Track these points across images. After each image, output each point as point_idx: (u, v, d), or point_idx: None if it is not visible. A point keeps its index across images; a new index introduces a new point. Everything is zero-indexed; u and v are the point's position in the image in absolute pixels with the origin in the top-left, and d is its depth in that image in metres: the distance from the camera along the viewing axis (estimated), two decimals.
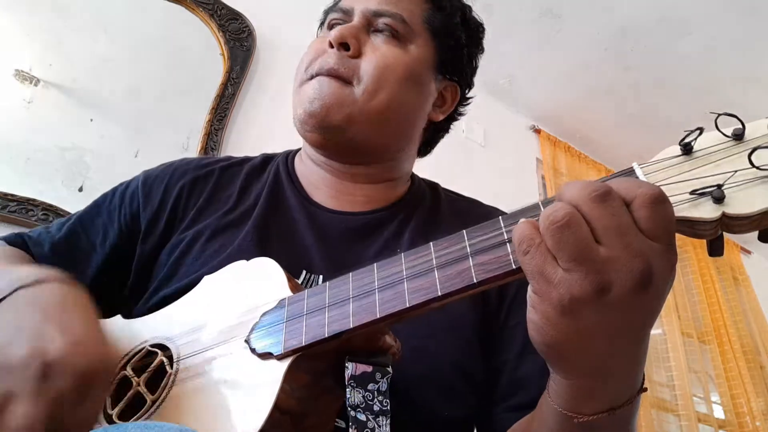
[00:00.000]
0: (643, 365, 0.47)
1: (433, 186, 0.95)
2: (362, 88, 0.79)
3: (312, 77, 0.80)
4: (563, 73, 2.92)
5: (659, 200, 0.40)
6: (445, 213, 0.88)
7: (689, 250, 3.37)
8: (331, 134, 0.80)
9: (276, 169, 0.90)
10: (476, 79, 0.97)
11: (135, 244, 0.82)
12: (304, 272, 0.74)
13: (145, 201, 0.84)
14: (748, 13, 2.48)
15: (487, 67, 0.98)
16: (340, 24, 0.84)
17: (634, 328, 0.43)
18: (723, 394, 2.93)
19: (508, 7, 2.56)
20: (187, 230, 0.81)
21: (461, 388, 0.72)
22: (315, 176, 0.88)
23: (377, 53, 0.81)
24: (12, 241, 0.83)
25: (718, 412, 2.93)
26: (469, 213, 0.89)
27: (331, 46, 0.80)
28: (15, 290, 0.51)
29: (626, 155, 3.28)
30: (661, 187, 0.42)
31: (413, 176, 0.95)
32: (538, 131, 3.14)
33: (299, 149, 0.96)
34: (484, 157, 2.82)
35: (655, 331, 2.93)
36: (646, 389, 0.49)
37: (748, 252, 3.88)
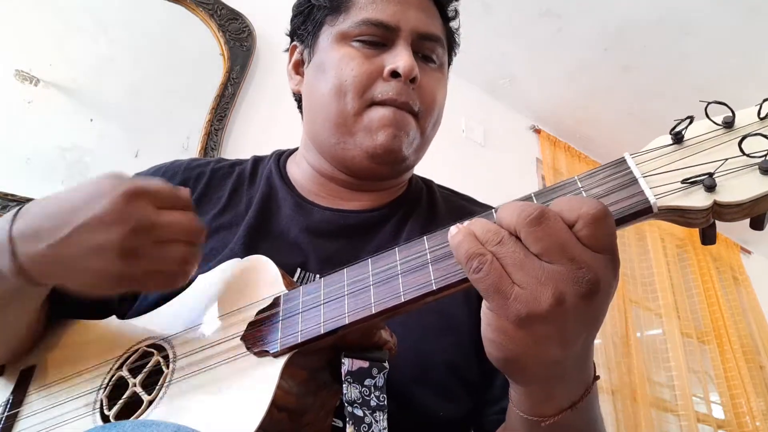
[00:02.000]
0: (592, 358, 0.50)
1: (428, 183, 0.94)
2: (425, 121, 0.81)
3: (374, 104, 0.77)
4: (563, 73, 2.92)
5: (601, 217, 0.42)
6: (441, 211, 0.88)
7: (689, 250, 3.37)
8: (396, 166, 0.81)
9: (268, 171, 0.89)
10: (476, 79, 0.98)
11: None
12: (299, 270, 0.74)
13: None
14: (748, 13, 2.48)
15: (487, 67, 0.99)
16: (377, 40, 0.78)
17: (585, 331, 0.45)
18: (722, 394, 2.93)
19: (508, 7, 2.56)
20: None
21: (455, 388, 0.72)
22: (315, 185, 0.86)
23: (432, 85, 0.81)
24: None
25: (718, 412, 2.93)
26: (465, 211, 0.89)
27: (392, 75, 0.76)
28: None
29: None
30: (652, 177, 0.43)
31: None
32: (538, 131, 3.14)
33: (288, 150, 0.95)
34: (484, 156, 2.82)
35: (655, 332, 2.93)
36: (598, 377, 0.52)
37: (748, 252, 3.88)
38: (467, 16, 0.92)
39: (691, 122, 0.45)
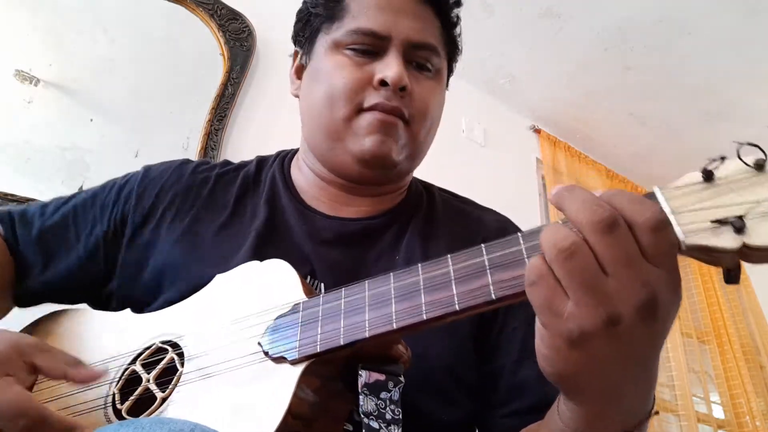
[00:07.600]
0: (654, 385, 0.47)
1: (427, 187, 0.94)
2: (417, 127, 0.80)
3: (363, 111, 0.77)
4: (563, 73, 2.92)
5: (663, 226, 0.40)
6: (441, 216, 0.87)
7: None
8: (386, 172, 0.81)
9: (272, 177, 0.88)
10: (476, 79, 0.98)
11: (120, 245, 0.82)
12: (308, 278, 0.74)
13: (137, 202, 0.84)
14: (748, 13, 2.48)
15: (487, 67, 0.99)
16: (369, 49, 0.78)
17: (643, 354, 0.43)
18: (723, 394, 2.93)
19: (508, 7, 2.56)
20: (179, 240, 0.80)
21: (455, 392, 0.72)
22: (316, 189, 0.86)
23: (425, 93, 0.81)
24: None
25: (718, 412, 2.93)
26: (465, 215, 0.89)
27: (381, 83, 0.76)
28: None
29: (626, 155, 3.29)
30: (681, 214, 0.42)
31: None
32: (538, 131, 3.13)
33: (292, 151, 0.95)
34: (484, 157, 2.82)
35: None
36: (657, 412, 0.49)
37: None
38: (467, 16, 0.92)
39: (722, 161, 0.44)
